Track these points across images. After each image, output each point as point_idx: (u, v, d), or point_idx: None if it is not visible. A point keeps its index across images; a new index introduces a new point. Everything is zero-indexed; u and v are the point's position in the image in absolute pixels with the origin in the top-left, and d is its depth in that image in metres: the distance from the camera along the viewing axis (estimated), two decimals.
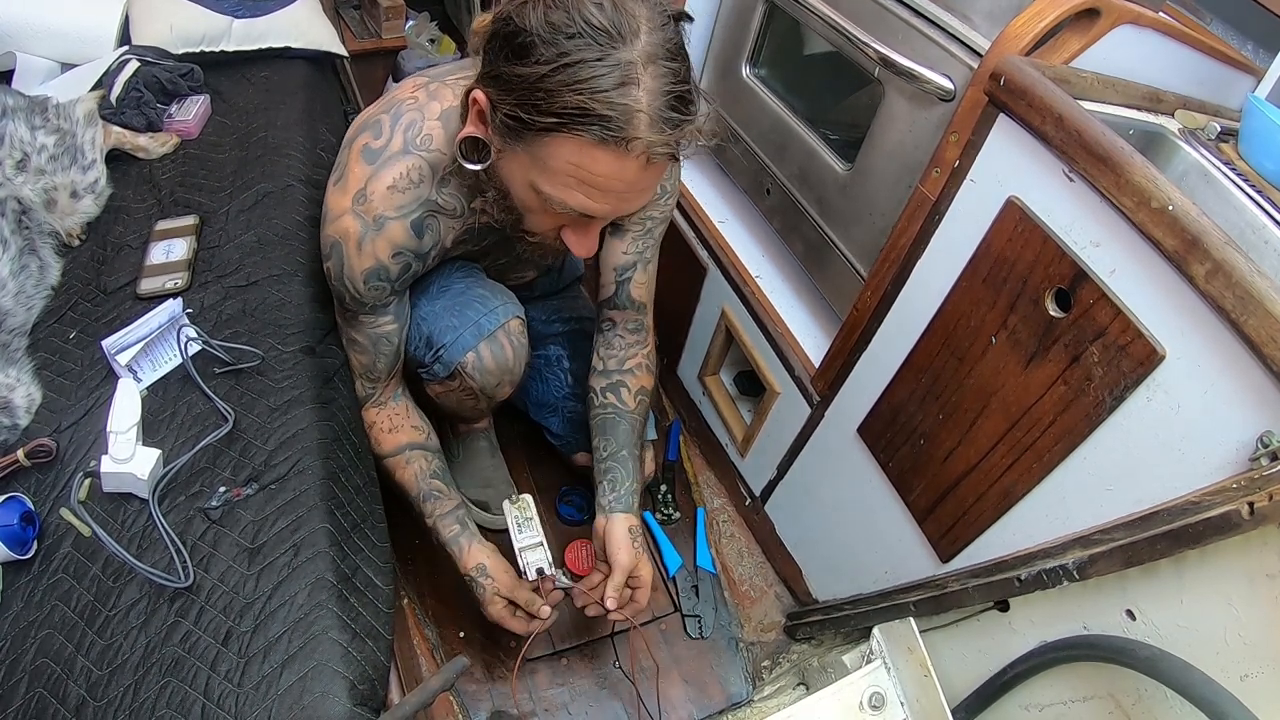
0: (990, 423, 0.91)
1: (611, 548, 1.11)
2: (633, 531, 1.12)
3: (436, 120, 0.94)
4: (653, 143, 0.75)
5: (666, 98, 0.74)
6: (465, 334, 1.08)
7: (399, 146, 0.93)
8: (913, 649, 1.08)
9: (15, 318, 1.07)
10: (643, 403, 1.22)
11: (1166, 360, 0.71)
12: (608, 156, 0.76)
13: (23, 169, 1.18)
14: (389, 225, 0.95)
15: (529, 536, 1.19)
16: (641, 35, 0.73)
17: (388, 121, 0.94)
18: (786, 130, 1.30)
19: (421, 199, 0.95)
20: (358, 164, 0.94)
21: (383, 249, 0.96)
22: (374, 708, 0.81)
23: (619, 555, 1.10)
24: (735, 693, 1.33)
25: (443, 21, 2.43)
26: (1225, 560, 0.70)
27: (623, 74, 0.72)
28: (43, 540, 0.90)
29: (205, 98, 1.46)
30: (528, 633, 1.13)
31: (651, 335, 1.27)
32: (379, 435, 1.15)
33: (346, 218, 0.94)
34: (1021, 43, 0.85)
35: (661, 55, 0.74)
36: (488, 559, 1.13)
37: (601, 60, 0.72)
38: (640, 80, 0.73)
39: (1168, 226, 0.68)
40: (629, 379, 1.22)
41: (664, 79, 0.74)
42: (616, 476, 1.15)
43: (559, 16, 0.72)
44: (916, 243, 0.99)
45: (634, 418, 1.21)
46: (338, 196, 0.95)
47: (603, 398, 1.22)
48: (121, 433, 0.91)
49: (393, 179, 0.93)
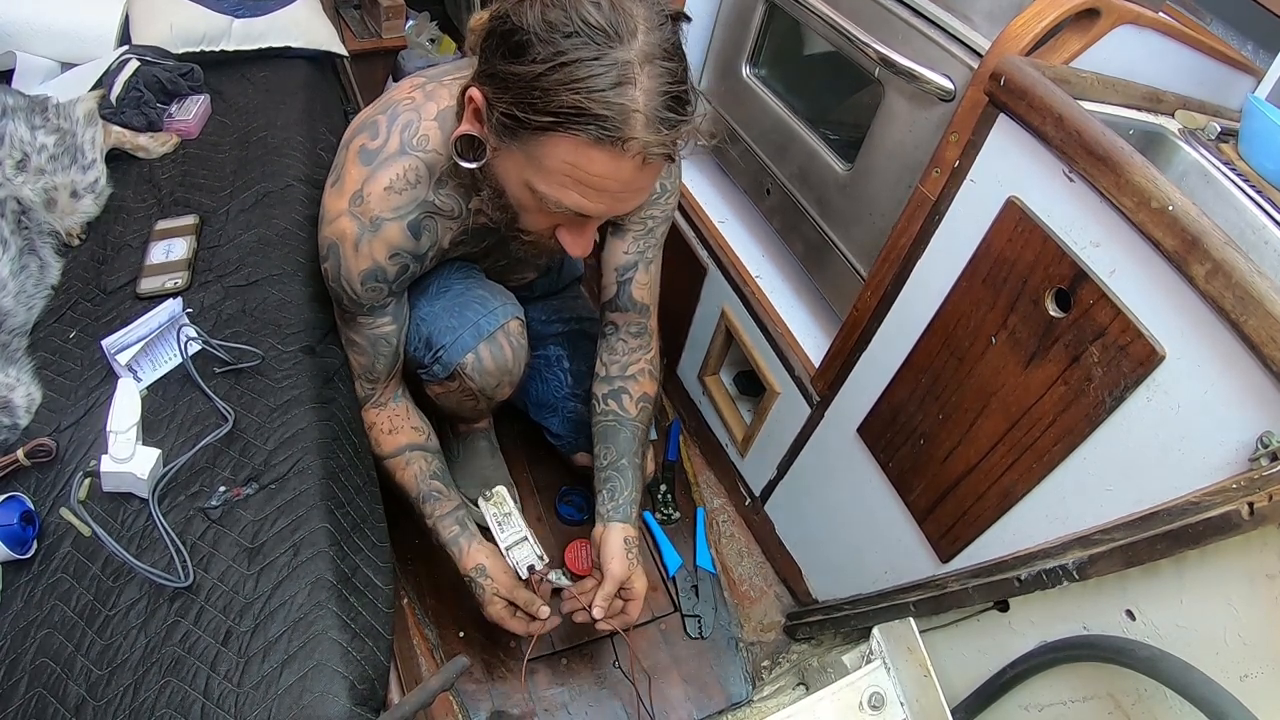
0: (990, 423, 0.91)
1: (605, 557, 1.11)
2: (628, 542, 1.12)
3: (433, 121, 0.93)
4: (649, 143, 0.75)
5: (663, 98, 0.74)
6: (465, 335, 1.08)
7: (396, 147, 0.93)
8: (912, 649, 1.08)
9: (15, 317, 1.07)
10: (645, 410, 1.22)
11: (1166, 360, 0.71)
12: (604, 156, 0.75)
13: (23, 169, 1.18)
14: (386, 226, 0.95)
15: (512, 533, 1.16)
16: (639, 35, 0.73)
17: (384, 122, 0.94)
18: (786, 130, 1.30)
19: (418, 200, 0.95)
20: (354, 165, 0.94)
21: (379, 250, 0.96)
22: (374, 707, 0.81)
23: (611, 565, 1.10)
24: (735, 693, 1.33)
25: (443, 21, 2.43)
26: (1225, 560, 0.70)
27: (619, 74, 0.72)
28: (43, 540, 0.90)
29: (205, 97, 1.46)
30: (527, 633, 1.13)
31: (656, 339, 1.26)
32: (379, 436, 1.15)
33: (343, 219, 0.94)
34: (1021, 43, 0.85)
35: (659, 55, 0.74)
36: (487, 560, 1.13)
37: (598, 60, 0.71)
38: (637, 80, 0.73)
39: (1168, 227, 0.68)
40: (631, 385, 1.21)
41: (661, 79, 0.74)
42: (616, 486, 1.15)
43: (556, 15, 0.72)
44: (916, 243, 0.99)
45: (636, 425, 1.20)
46: (334, 198, 0.95)
47: (604, 404, 1.21)
48: (121, 432, 0.91)
49: (389, 180, 0.93)
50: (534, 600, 1.12)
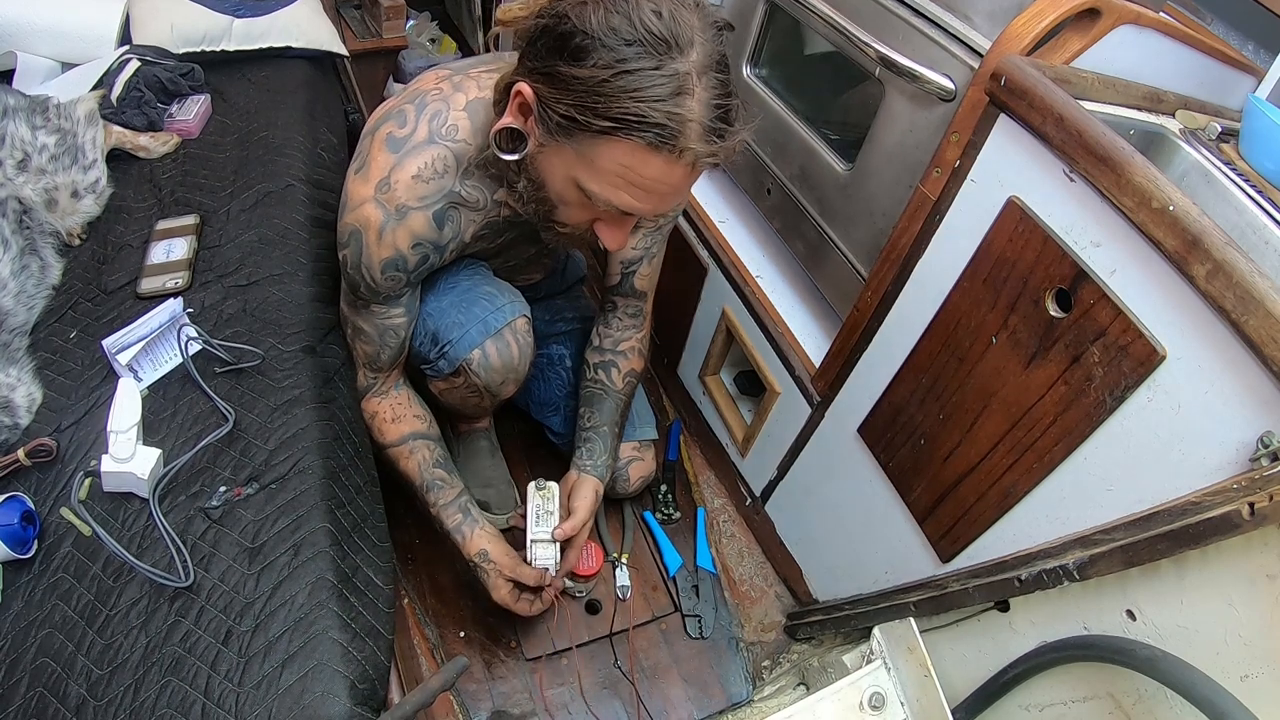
0: (991, 423, 0.91)
1: (575, 499, 1.19)
2: (598, 494, 1.21)
3: (462, 111, 0.94)
4: (701, 152, 0.77)
5: (716, 109, 0.77)
6: (471, 331, 1.08)
7: (424, 136, 0.93)
8: (913, 649, 1.08)
9: (16, 317, 1.07)
10: (630, 384, 1.30)
11: (1167, 360, 0.71)
12: (659, 162, 0.78)
13: (24, 169, 1.18)
14: (411, 215, 0.95)
15: (543, 531, 1.17)
16: (695, 45, 0.75)
17: (412, 111, 0.94)
18: (787, 130, 1.30)
19: (445, 190, 0.95)
20: (381, 152, 0.94)
21: (403, 239, 0.97)
22: (374, 707, 0.81)
23: (581, 506, 1.18)
24: (735, 693, 1.33)
25: (443, 21, 2.43)
26: (1226, 560, 0.70)
27: (678, 84, 0.74)
28: (43, 540, 0.90)
29: (206, 97, 1.47)
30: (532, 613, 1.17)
31: (649, 320, 1.32)
32: (381, 425, 1.15)
33: (368, 206, 0.94)
34: (1022, 43, 0.85)
35: (713, 67, 0.76)
36: (489, 544, 1.14)
37: (659, 69, 0.74)
38: (694, 91, 0.75)
39: (1168, 227, 0.68)
40: (620, 360, 1.28)
41: (714, 90, 0.76)
42: (595, 447, 1.24)
43: (620, 22, 0.73)
44: (917, 243, 0.99)
45: (620, 397, 1.28)
46: (359, 184, 0.95)
47: (594, 373, 1.29)
48: (122, 432, 0.91)
49: (418, 168, 0.93)
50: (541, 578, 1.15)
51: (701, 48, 0.75)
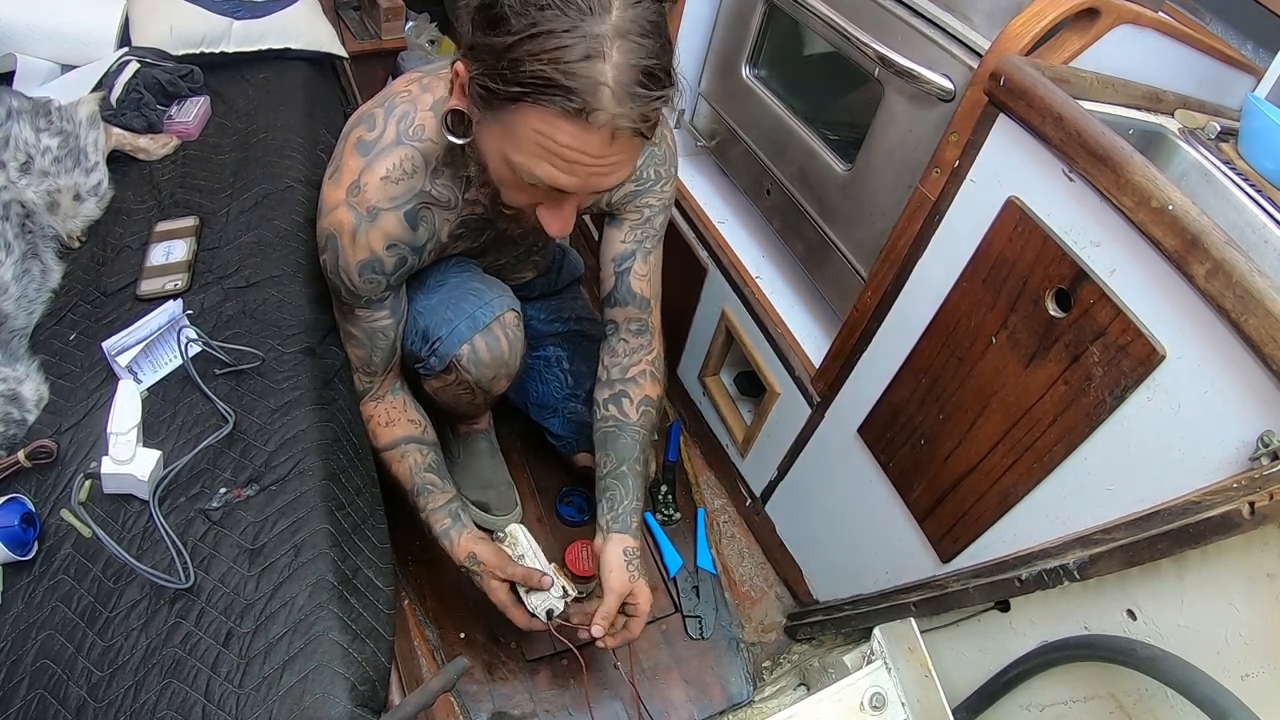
0: (991, 423, 0.91)
1: (604, 571, 1.09)
2: (628, 554, 1.09)
3: (429, 111, 0.94)
4: (616, 115, 0.74)
5: (634, 72, 0.74)
6: (460, 326, 1.08)
7: (392, 137, 0.94)
8: (913, 649, 1.08)
9: (16, 321, 1.07)
10: (646, 413, 1.19)
11: (1167, 360, 0.71)
12: (571, 127, 0.75)
13: (27, 171, 1.18)
14: (382, 216, 0.95)
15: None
16: (614, 10, 0.73)
17: (381, 115, 0.95)
18: (786, 130, 1.30)
19: (415, 190, 0.95)
20: (352, 156, 0.95)
21: (377, 240, 0.97)
22: (374, 709, 0.81)
23: (611, 579, 1.08)
24: (736, 693, 1.32)
25: (442, 23, 2.43)
26: (1226, 560, 0.70)
27: (589, 46, 0.72)
28: (43, 541, 0.90)
29: (205, 99, 1.46)
30: (529, 628, 1.12)
31: (658, 338, 1.24)
32: (376, 429, 1.15)
33: (340, 210, 0.95)
34: (1021, 43, 0.85)
35: (634, 31, 0.74)
36: (477, 546, 1.12)
37: (570, 32, 0.72)
38: (607, 54, 0.72)
39: (1168, 226, 0.68)
40: (631, 388, 1.20)
41: (633, 54, 0.74)
42: (615, 495, 1.13)
43: None
44: (916, 243, 0.99)
45: (636, 430, 1.17)
46: (332, 189, 0.96)
47: (605, 410, 1.20)
48: (122, 434, 0.91)
49: (386, 169, 0.94)
50: (531, 574, 1.11)
51: (622, 12, 0.73)
